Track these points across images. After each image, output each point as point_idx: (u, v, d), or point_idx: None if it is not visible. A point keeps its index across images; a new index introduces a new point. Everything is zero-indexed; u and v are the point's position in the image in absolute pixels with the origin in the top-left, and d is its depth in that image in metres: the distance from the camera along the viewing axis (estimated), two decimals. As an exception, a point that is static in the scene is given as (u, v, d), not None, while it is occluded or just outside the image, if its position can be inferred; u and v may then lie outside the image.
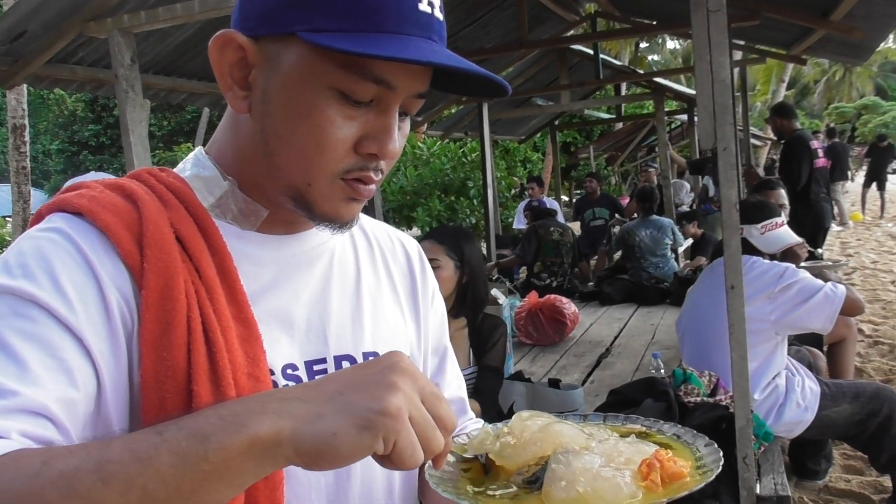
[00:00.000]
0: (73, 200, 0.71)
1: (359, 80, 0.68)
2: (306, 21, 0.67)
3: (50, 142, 23.53)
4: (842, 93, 38.82)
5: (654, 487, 0.62)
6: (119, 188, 0.74)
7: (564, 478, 0.62)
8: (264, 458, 0.56)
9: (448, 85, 0.77)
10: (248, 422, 0.55)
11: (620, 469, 0.64)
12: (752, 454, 2.40)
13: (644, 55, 26.56)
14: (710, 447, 0.70)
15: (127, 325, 0.67)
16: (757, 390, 2.85)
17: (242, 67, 0.73)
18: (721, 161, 2.48)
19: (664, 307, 6.09)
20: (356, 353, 0.83)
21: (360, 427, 0.56)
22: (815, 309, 2.82)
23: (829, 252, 10.02)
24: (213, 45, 0.73)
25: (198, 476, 0.53)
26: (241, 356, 0.71)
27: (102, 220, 0.69)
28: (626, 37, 12.24)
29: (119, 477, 0.51)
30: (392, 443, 0.58)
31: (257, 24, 0.71)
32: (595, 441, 0.69)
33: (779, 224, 3.11)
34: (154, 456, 0.53)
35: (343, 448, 0.56)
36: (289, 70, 0.70)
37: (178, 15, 3.26)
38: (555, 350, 4.97)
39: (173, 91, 5.19)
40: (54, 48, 3.71)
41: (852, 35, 4.88)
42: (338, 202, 0.75)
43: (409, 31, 0.68)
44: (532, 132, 13.16)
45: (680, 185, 11.76)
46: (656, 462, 0.64)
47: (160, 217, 0.71)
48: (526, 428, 0.70)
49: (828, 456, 3.44)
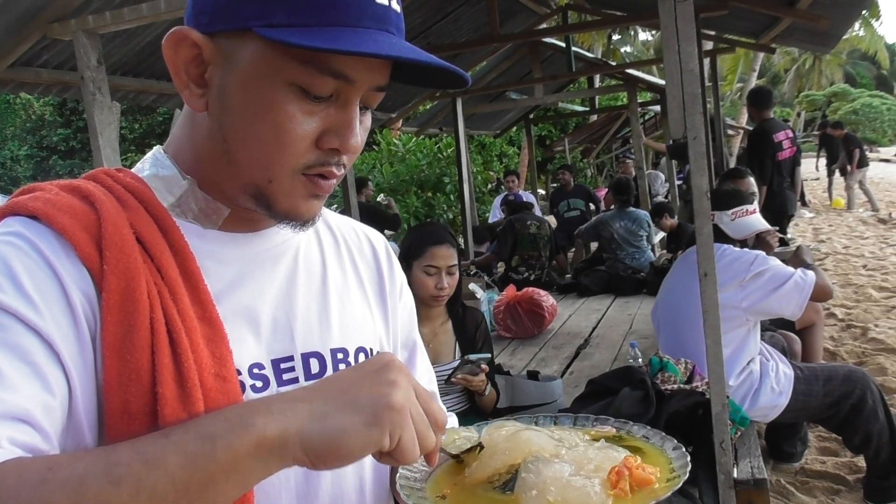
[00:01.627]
0: (28, 204, 0.70)
1: (317, 75, 0.68)
2: (262, 16, 0.66)
3: (18, 147, 23.11)
4: (812, 81, 39.34)
5: (623, 495, 0.63)
6: (75, 190, 0.73)
7: (535, 487, 0.62)
8: (271, 457, 0.57)
9: (408, 77, 0.77)
10: (254, 423, 0.57)
11: (590, 477, 0.64)
12: (728, 439, 2.43)
13: (616, 47, 26.69)
14: (678, 450, 0.71)
15: (91, 328, 0.66)
16: (732, 376, 2.89)
17: (198, 65, 0.72)
18: (691, 150, 2.50)
19: (641, 297, 6.14)
20: (324, 349, 0.83)
21: (368, 423, 0.59)
22: (785, 296, 2.86)
23: (802, 238, 10.17)
24: (166, 42, 0.71)
25: (205, 476, 0.55)
26: (208, 356, 0.70)
27: (59, 223, 0.67)
28: (597, 28, 12.30)
29: (129, 479, 0.52)
30: (397, 438, 0.60)
31: (212, 20, 0.70)
32: (564, 448, 0.69)
33: (749, 211, 3.15)
34: (162, 458, 0.54)
35: (353, 444, 0.58)
36: (246, 66, 0.69)
37: (144, 15, 3.21)
38: (534, 343, 5.00)
39: (142, 92, 5.12)
40: (17, 51, 3.65)
41: (818, 23, 4.94)
42: (298, 199, 0.74)
43: (367, 24, 0.68)
44: (507, 126, 13.19)
45: (655, 177, 11.85)
46: (625, 469, 0.65)
47: (119, 218, 0.70)
48: (493, 437, 0.70)
49: (803, 439, 3.50)
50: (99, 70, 3.39)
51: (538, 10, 7.63)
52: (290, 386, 0.79)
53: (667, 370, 2.87)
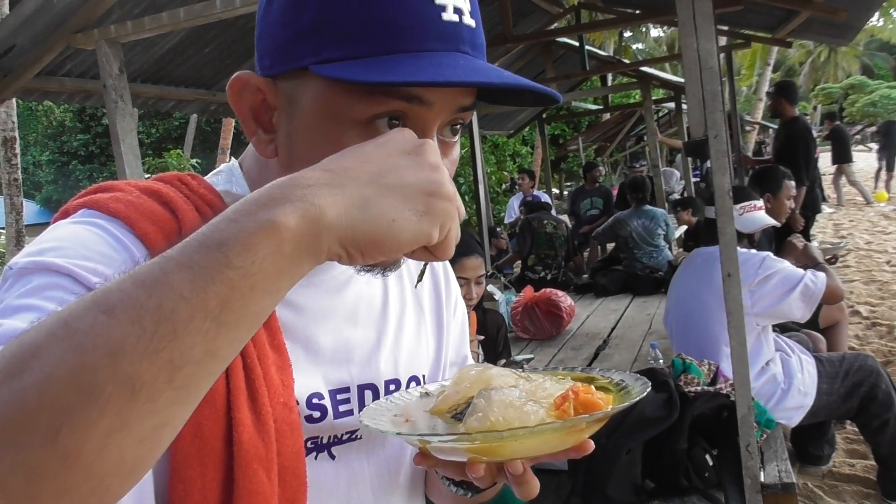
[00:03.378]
0: (109, 204, 0.66)
1: (385, 100, 0.62)
2: (316, 52, 0.61)
3: (40, 153, 23.42)
4: (828, 73, 38.96)
5: (565, 416, 0.62)
6: (155, 194, 0.69)
7: (482, 410, 0.63)
8: (301, 254, 0.48)
9: (495, 96, 0.70)
10: (272, 216, 0.47)
11: (539, 402, 0.64)
12: (754, 442, 2.42)
13: (628, 44, 26.59)
14: (644, 385, 0.68)
15: None
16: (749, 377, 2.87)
17: (266, 110, 0.68)
18: (712, 148, 2.49)
19: (659, 297, 6.09)
20: (378, 381, 0.82)
21: (419, 212, 0.52)
22: (795, 300, 2.83)
23: (823, 234, 10.07)
24: (230, 89, 0.68)
25: (223, 287, 0.44)
26: (279, 384, 0.68)
27: (141, 229, 0.65)
28: (611, 27, 12.23)
29: (125, 304, 0.43)
30: (447, 230, 0.53)
31: (272, 62, 0.66)
32: (523, 381, 0.69)
33: (757, 207, 3.14)
34: (162, 276, 0.44)
35: (403, 236, 0.51)
36: (308, 109, 0.64)
37: (165, 23, 3.25)
38: (552, 344, 4.98)
39: (161, 99, 5.17)
40: (43, 61, 3.70)
41: (837, 16, 4.89)
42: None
43: (432, 46, 0.61)
44: (520, 126, 13.15)
45: (670, 174, 11.80)
46: (571, 394, 0.64)
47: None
48: (464, 375, 0.71)
49: (830, 441, 3.46)
50: (121, 78, 3.43)
51: (551, 10, 7.61)
52: (346, 418, 0.77)
53: (690, 372, 2.85)
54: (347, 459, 0.79)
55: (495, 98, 0.71)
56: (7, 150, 8.70)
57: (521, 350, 4.89)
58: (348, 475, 0.79)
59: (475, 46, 0.65)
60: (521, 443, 0.61)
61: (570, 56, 9.26)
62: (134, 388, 0.41)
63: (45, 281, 0.57)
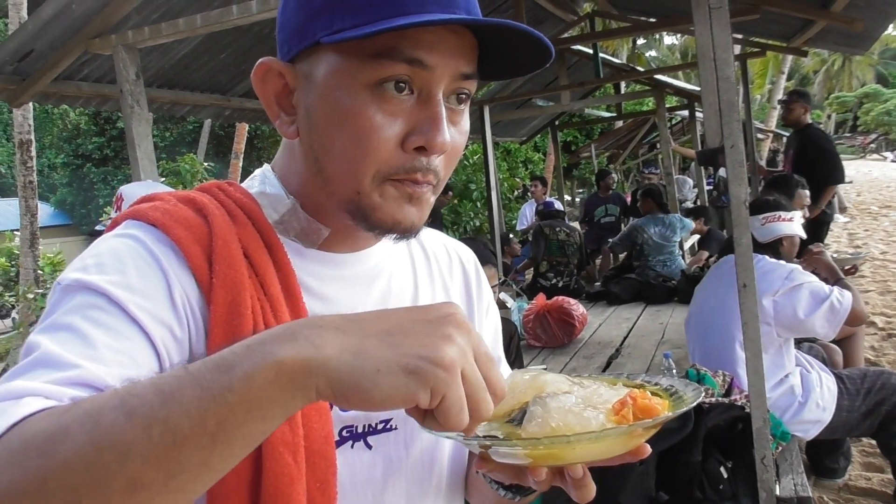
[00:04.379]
0: (148, 212, 0.73)
1: (390, 64, 0.67)
2: (328, 26, 0.68)
3: (55, 155, 23.59)
4: (842, 82, 38.75)
5: (624, 422, 0.64)
6: (191, 202, 0.76)
7: (540, 416, 0.64)
8: (293, 388, 0.51)
9: (492, 70, 0.75)
10: (275, 350, 0.51)
11: (596, 408, 0.65)
12: (770, 455, 2.39)
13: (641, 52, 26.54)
14: (696, 391, 0.70)
15: (190, 334, 0.69)
16: (766, 389, 2.84)
17: (287, 94, 0.75)
18: (729, 158, 2.47)
19: (672, 305, 6.07)
20: None
21: (407, 371, 0.52)
22: (819, 318, 2.79)
23: (837, 244, 10.00)
24: (254, 76, 0.74)
25: (223, 409, 0.49)
26: None
27: (175, 234, 0.71)
28: (626, 35, 12.24)
29: (141, 410, 0.49)
30: (440, 397, 0.53)
31: (290, 47, 0.73)
32: (577, 387, 0.70)
33: (782, 218, 3.10)
34: (177, 389, 0.50)
35: (384, 388, 0.52)
36: (323, 80, 0.71)
37: (181, 29, 3.27)
38: (564, 352, 4.96)
39: (176, 104, 5.20)
40: (60, 66, 3.73)
41: (853, 26, 4.86)
42: (391, 206, 0.72)
43: (431, 9, 0.67)
44: (533, 133, 13.13)
45: (683, 181, 11.74)
46: (629, 399, 0.65)
47: (229, 233, 0.73)
48: (515, 380, 0.72)
49: (846, 454, 3.42)
50: (137, 83, 3.45)
51: (565, 18, 7.61)
52: None
53: (704, 382, 2.83)
54: (384, 449, 0.81)
55: (491, 71, 0.75)
56: (23, 152, 8.78)
57: (532, 358, 4.87)
58: (384, 465, 0.81)
59: (470, 13, 0.71)
60: (585, 447, 0.63)
61: (583, 63, 9.24)
62: (135, 487, 0.48)
63: (84, 300, 0.64)
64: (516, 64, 0.75)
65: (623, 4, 7.25)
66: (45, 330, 0.62)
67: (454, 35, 0.69)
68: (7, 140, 23.01)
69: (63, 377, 0.57)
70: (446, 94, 0.71)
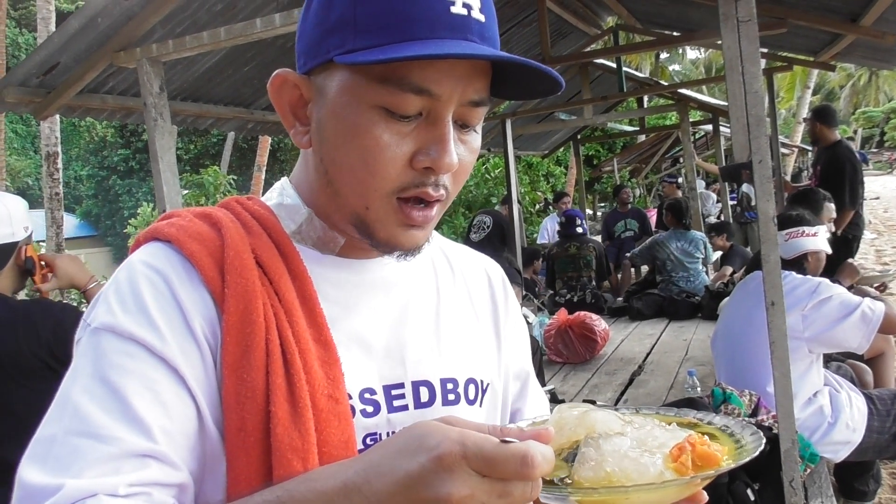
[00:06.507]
0: (165, 229, 0.76)
1: (398, 93, 0.68)
2: (340, 45, 0.69)
3: (81, 167, 23.99)
4: (869, 97, 38.32)
5: (683, 470, 0.61)
6: (207, 217, 0.78)
7: (593, 458, 0.62)
8: None
9: (504, 91, 0.76)
10: None
11: (652, 452, 0.63)
12: (798, 477, 2.33)
13: (665, 66, 26.44)
14: (755, 435, 0.67)
15: (213, 350, 0.70)
16: (795, 409, 2.77)
17: (302, 105, 0.76)
18: (756, 174, 2.42)
19: (696, 322, 5.99)
20: (433, 378, 0.82)
21: None
22: (851, 328, 2.73)
23: (865, 260, 9.82)
24: (270, 86, 0.76)
25: None
26: (322, 378, 0.72)
27: (189, 249, 0.73)
28: (649, 49, 12.17)
29: None
30: None
31: (306, 60, 0.74)
32: (630, 427, 0.68)
33: (806, 233, 3.04)
34: None
35: None
36: (334, 96, 0.72)
37: (205, 43, 3.29)
38: (586, 368, 4.90)
39: (200, 117, 5.24)
40: (85, 79, 3.78)
41: (883, 40, 4.79)
42: (394, 227, 0.74)
43: (442, 34, 0.67)
44: (555, 147, 13.11)
45: (706, 196, 11.63)
46: (687, 445, 0.63)
47: (241, 243, 0.75)
48: (564, 416, 0.70)
49: (876, 476, 3.33)
50: (161, 96, 3.48)
51: (588, 31, 7.60)
52: (400, 413, 0.79)
53: (730, 402, 2.77)
54: None
55: (504, 92, 0.75)
56: (49, 164, 8.91)
57: (554, 374, 4.81)
58: None
59: (485, 38, 0.71)
60: (641, 496, 0.61)
61: (606, 77, 9.22)
62: None
63: (113, 346, 0.67)
64: (529, 88, 0.76)
65: (647, 18, 7.22)
66: (79, 381, 0.66)
67: (465, 62, 0.69)
68: (34, 152, 23.44)
69: (108, 455, 0.61)
70: (455, 118, 0.72)
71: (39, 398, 1.40)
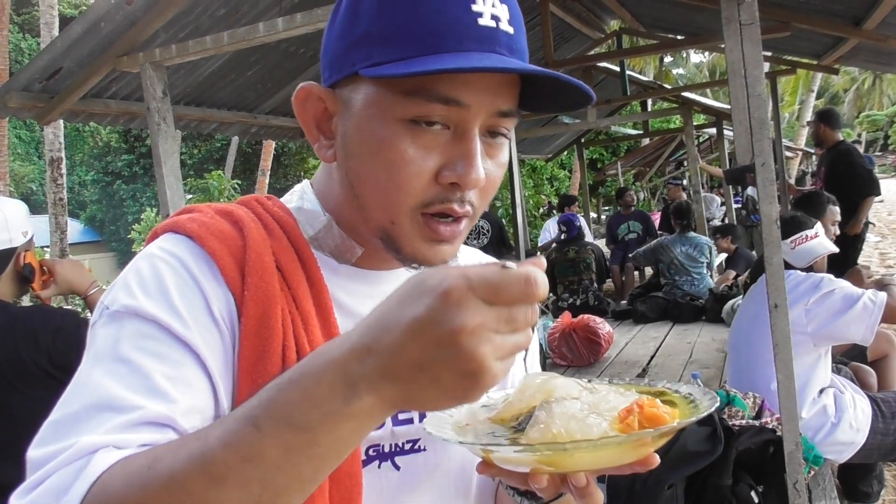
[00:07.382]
0: (186, 224, 0.74)
1: (425, 104, 0.67)
2: (366, 58, 0.68)
3: (85, 173, 24.04)
4: (873, 100, 38.25)
5: (629, 430, 0.61)
6: (228, 214, 0.77)
7: (543, 421, 0.63)
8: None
9: (535, 103, 0.74)
10: (350, 405, 0.52)
11: (601, 414, 0.64)
12: (802, 479, 2.32)
13: (668, 69, 26.44)
14: (712, 400, 0.67)
15: (233, 344, 0.70)
16: (803, 408, 2.76)
17: (327, 119, 0.75)
18: (759, 176, 2.42)
19: (700, 325, 5.97)
20: None
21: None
22: (854, 319, 2.73)
23: (868, 263, 9.79)
24: (295, 100, 0.75)
25: (314, 461, 0.53)
26: None
27: (210, 246, 0.72)
28: (653, 53, 12.18)
29: (233, 477, 0.51)
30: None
31: (331, 73, 0.73)
32: (587, 392, 0.69)
33: (810, 237, 3.03)
34: (260, 453, 0.51)
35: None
36: (359, 109, 0.70)
37: (208, 47, 3.30)
38: (590, 371, 4.89)
39: (203, 121, 5.26)
40: (88, 84, 3.79)
41: (886, 43, 4.79)
42: (420, 243, 0.72)
43: (470, 46, 0.66)
44: (559, 150, 13.12)
45: (711, 199, 11.61)
46: (636, 407, 0.63)
47: (263, 246, 0.74)
48: (527, 383, 0.71)
49: (879, 477, 3.32)
50: (164, 101, 3.49)
51: (592, 35, 7.60)
52: (405, 426, 0.80)
53: (734, 405, 2.76)
54: (413, 471, 0.81)
55: (534, 105, 0.74)
56: (54, 170, 8.93)
57: (556, 377, 4.80)
58: (412, 487, 0.81)
59: (513, 50, 0.69)
60: (585, 455, 0.62)
61: (610, 81, 9.22)
62: None
63: (135, 329, 0.66)
64: (559, 101, 0.75)
65: (650, 22, 7.22)
66: (100, 364, 0.64)
67: (494, 74, 0.68)
68: (38, 157, 23.53)
69: (127, 421, 0.59)
70: (483, 130, 0.70)
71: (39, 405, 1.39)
